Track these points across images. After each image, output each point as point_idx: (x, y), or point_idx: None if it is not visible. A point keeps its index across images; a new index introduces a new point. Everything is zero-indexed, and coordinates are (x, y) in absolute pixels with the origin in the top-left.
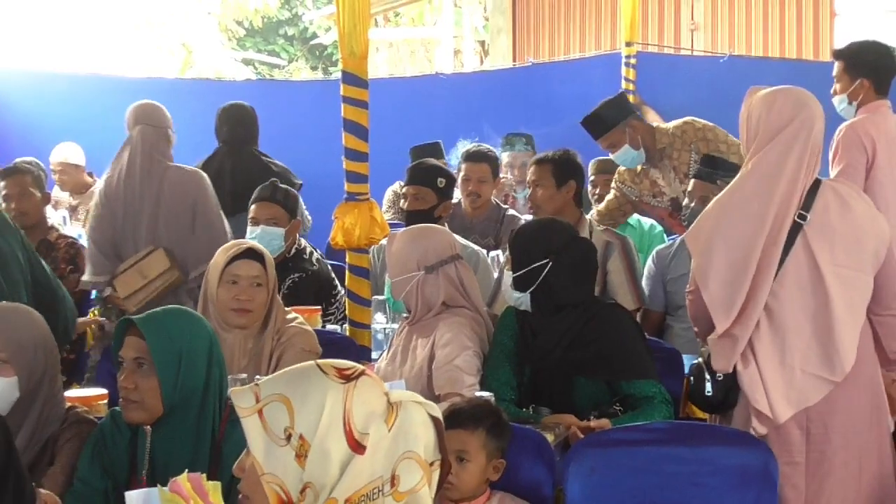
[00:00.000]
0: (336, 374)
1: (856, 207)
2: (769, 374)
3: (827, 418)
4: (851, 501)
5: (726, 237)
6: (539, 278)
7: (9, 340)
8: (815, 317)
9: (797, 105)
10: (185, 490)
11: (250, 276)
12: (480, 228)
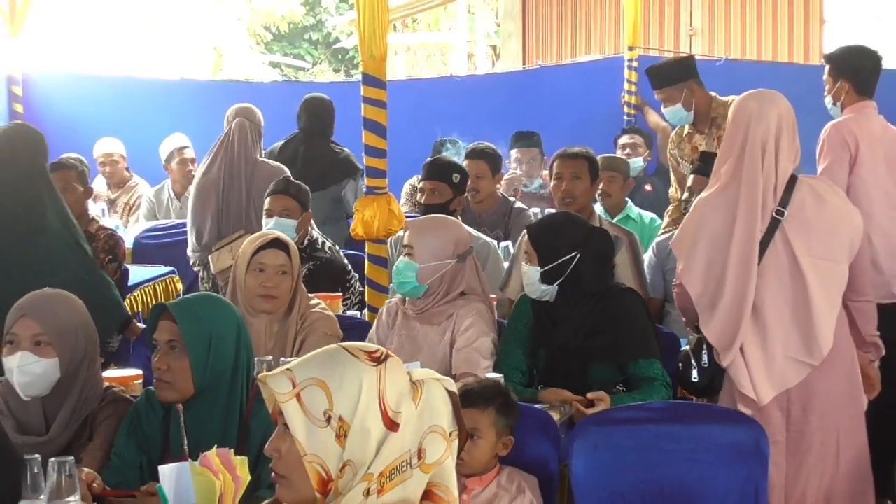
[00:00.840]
0: (367, 358)
1: (830, 202)
2: (752, 359)
3: (806, 400)
4: (829, 477)
5: (706, 239)
6: (567, 271)
7: (51, 325)
8: (794, 305)
9: (749, 107)
10: (214, 464)
11: (276, 265)
12: (489, 222)
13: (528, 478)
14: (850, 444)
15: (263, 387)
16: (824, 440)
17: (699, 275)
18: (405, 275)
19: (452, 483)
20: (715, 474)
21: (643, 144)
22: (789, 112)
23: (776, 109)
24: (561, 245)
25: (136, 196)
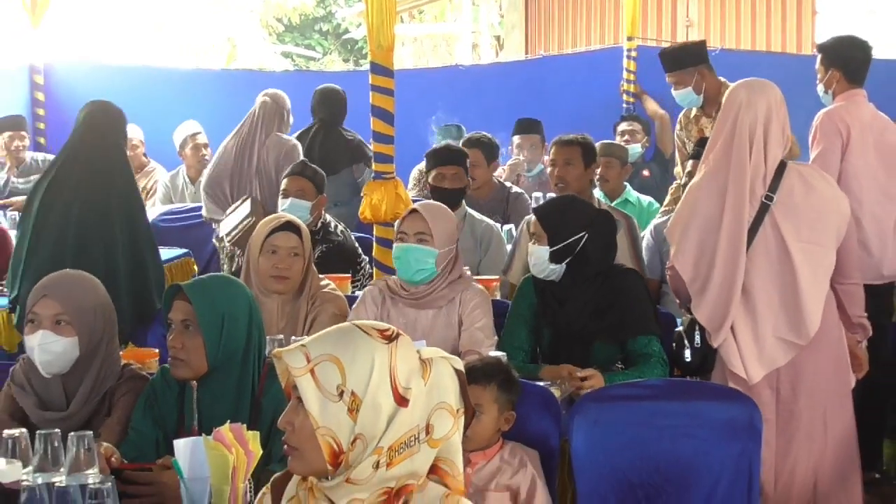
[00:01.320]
0: (379, 336)
1: (819, 188)
2: (742, 339)
3: (795, 379)
4: (818, 453)
5: (697, 224)
6: (575, 250)
7: (71, 305)
8: (782, 288)
9: (734, 101)
10: (227, 439)
11: (288, 247)
12: (489, 207)
13: (529, 452)
14: (838, 422)
15: (278, 362)
16: (812, 418)
17: (691, 258)
18: (425, 261)
19: (458, 458)
20: (710, 450)
21: (641, 131)
22: (779, 101)
23: (765, 98)
24: (569, 225)
25: (153, 181)
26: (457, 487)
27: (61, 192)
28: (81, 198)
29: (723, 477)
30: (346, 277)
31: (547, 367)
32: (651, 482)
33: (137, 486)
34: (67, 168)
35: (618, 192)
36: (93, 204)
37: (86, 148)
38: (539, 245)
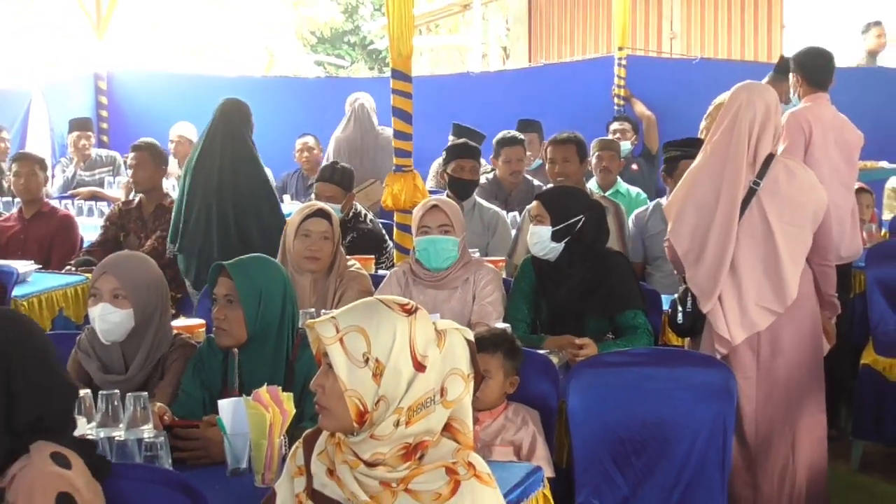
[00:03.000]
0: (400, 310)
1: (800, 177)
2: (728, 306)
3: (774, 342)
4: (792, 408)
5: (693, 204)
6: (573, 231)
7: (127, 281)
8: (765, 261)
9: (735, 100)
10: (265, 399)
11: (320, 232)
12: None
13: (531, 412)
14: (810, 381)
15: (310, 331)
16: (788, 377)
17: (686, 234)
18: (451, 250)
19: (469, 418)
20: (690, 409)
21: (630, 130)
22: (774, 103)
23: (763, 100)
24: (570, 208)
25: None
26: (467, 443)
27: (205, 166)
28: (218, 169)
29: (701, 434)
30: (370, 258)
31: (549, 337)
32: (638, 438)
33: (186, 441)
34: (208, 147)
35: (612, 182)
36: (225, 176)
37: (220, 132)
38: (542, 225)
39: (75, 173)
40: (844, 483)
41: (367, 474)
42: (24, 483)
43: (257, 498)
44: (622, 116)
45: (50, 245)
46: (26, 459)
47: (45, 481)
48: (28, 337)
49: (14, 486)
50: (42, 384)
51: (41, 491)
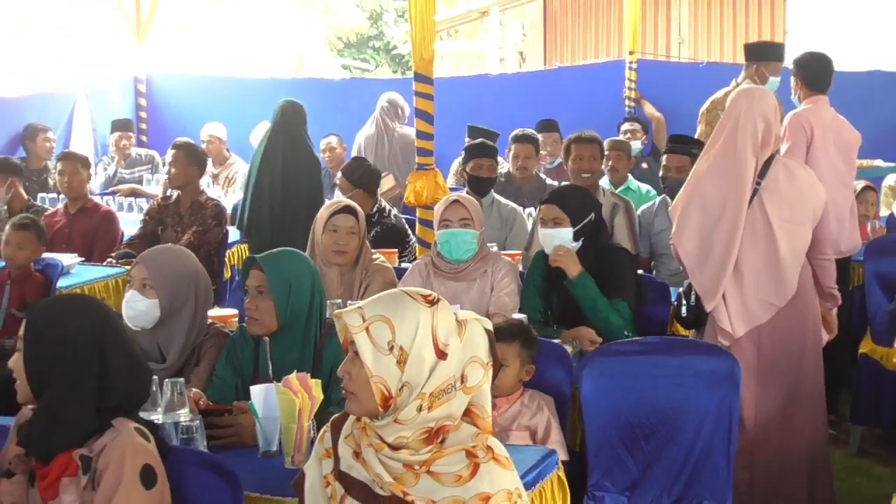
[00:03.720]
0: (423, 301)
1: (799, 177)
2: (730, 300)
3: (775, 335)
4: (793, 397)
5: (698, 207)
6: (589, 228)
7: (156, 273)
8: (765, 258)
9: (737, 105)
10: (294, 385)
11: (347, 227)
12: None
13: (545, 398)
14: (810, 371)
15: (338, 321)
16: (788, 367)
17: (690, 236)
18: (471, 243)
19: (488, 403)
20: (697, 396)
21: (640, 130)
22: (774, 108)
23: (763, 105)
24: (585, 209)
25: (234, 171)
26: (485, 428)
27: (268, 161)
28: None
29: (707, 419)
30: (393, 252)
31: (565, 331)
32: (648, 423)
33: (220, 427)
34: (272, 146)
35: (623, 180)
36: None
37: (281, 131)
38: (562, 227)
39: (116, 171)
40: (843, 466)
41: (391, 457)
42: (115, 453)
43: (287, 479)
44: (633, 117)
45: (93, 239)
46: (114, 433)
47: (134, 452)
48: (113, 322)
49: (104, 454)
50: (127, 365)
51: (130, 461)
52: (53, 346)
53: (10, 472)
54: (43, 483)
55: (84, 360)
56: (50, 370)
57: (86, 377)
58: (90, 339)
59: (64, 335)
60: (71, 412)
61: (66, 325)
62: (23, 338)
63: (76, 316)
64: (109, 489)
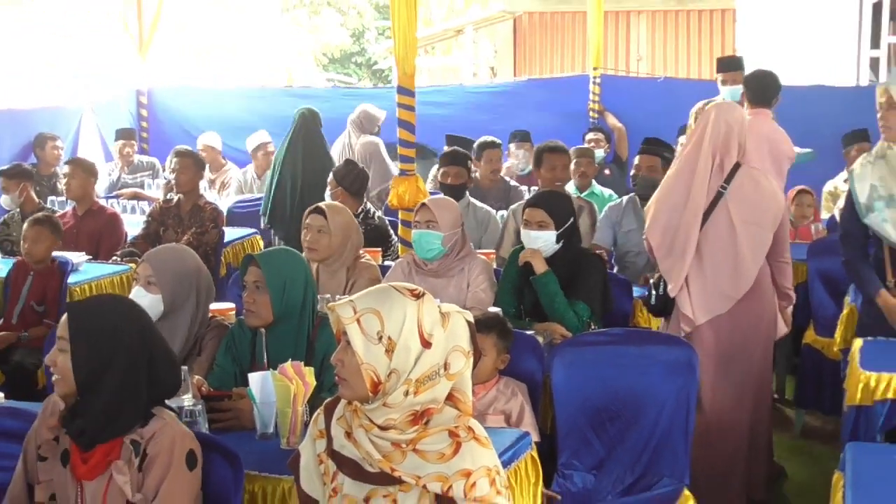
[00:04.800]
0: (410, 294)
1: (763, 185)
2: (694, 291)
3: (733, 325)
4: (747, 382)
5: (666, 205)
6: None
7: (160, 271)
8: (727, 255)
9: (705, 117)
10: (289, 373)
11: (316, 226)
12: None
13: (519, 385)
14: (760, 359)
15: (331, 313)
16: (744, 355)
17: (659, 230)
18: (433, 243)
19: (469, 389)
20: (658, 383)
21: (604, 139)
22: (740, 120)
23: (729, 117)
24: (567, 213)
25: (228, 177)
26: (467, 411)
27: (289, 160)
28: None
29: (667, 404)
30: (377, 251)
31: (536, 325)
32: (613, 408)
33: (221, 411)
34: (293, 147)
35: (588, 185)
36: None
37: (301, 134)
38: (546, 230)
39: (120, 176)
40: (788, 447)
41: (380, 436)
42: (166, 440)
43: (283, 459)
44: (596, 127)
45: (99, 239)
46: (160, 421)
47: (182, 439)
48: (150, 319)
49: (155, 441)
50: (167, 357)
51: (179, 447)
52: (107, 347)
53: (41, 457)
54: (85, 466)
55: (136, 357)
56: (104, 368)
57: (139, 372)
58: (139, 336)
59: (117, 335)
60: (127, 405)
61: (117, 325)
62: (70, 339)
63: (123, 316)
64: (161, 471)
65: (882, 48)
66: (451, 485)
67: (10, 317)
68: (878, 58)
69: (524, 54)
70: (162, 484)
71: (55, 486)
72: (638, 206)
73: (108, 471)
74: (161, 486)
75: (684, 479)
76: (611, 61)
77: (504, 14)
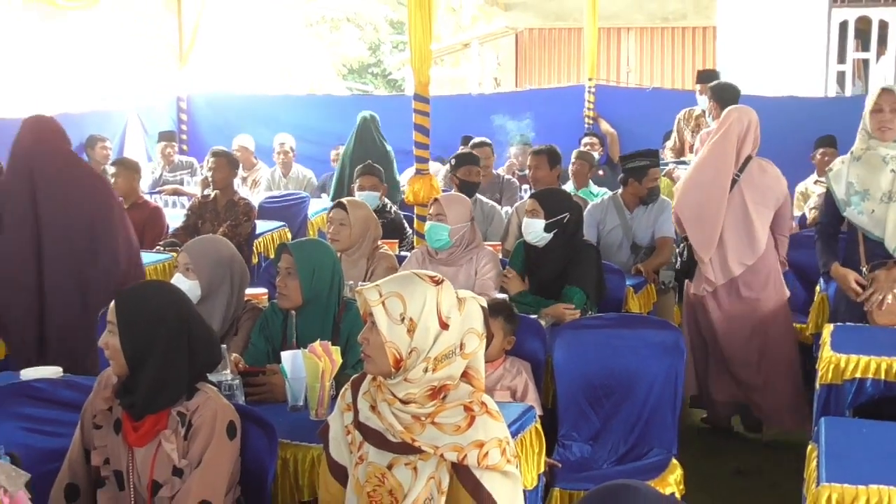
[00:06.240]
0: (430, 281)
1: (769, 172)
2: (715, 259)
3: (744, 283)
4: (759, 327)
5: (696, 185)
6: (561, 224)
7: (196, 258)
8: (742, 230)
9: (730, 116)
10: (318, 351)
11: (337, 219)
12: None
13: (524, 363)
14: (775, 310)
15: (359, 296)
16: (754, 306)
17: (690, 206)
18: (441, 234)
19: (482, 367)
20: (648, 362)
21: (598, 143)
22: (755, 121)
23: (748, 118)
24: (559, 206)
25: (259, 175)
26: (480, 387)
27: (358, 156)
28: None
29: (656, 382)
30: (394, 242)
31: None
32: (608, 384)
33: (255, 385)
34: (359, 145)
35: (584, 184)
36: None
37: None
38: (536, 218)
39: (161, 174)
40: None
41: (401, 410)
42: (209, 412)
43: (312, 429)
44: (591, 132)
45: (143, 230)
46: (203, 395)
47: (224, 411)
48: (189, 301)
49: (199, 413)
50: (207, 336)
51: (221, 418)
52: (149, 328)
53: (97, 425)
54: (136, 434)
55: (177, 337)
56: (149, 348)
57: (180, 350)
58: (179, 318)
59: (157, 318)
60: (171, 380)
61: (159, 310)
62: (118, 323)
63: (165, 301)
64: (204, 440)
65: (847, 63)
66: (466, 454)
67: None
68: (843, 72)
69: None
70: (205, 451)
71: (109, 452)
72: (620, 205)
73: (156, 439)
74: (204, 454)
75: (672, 449)
76: (604, 73)
77: (507, 30)
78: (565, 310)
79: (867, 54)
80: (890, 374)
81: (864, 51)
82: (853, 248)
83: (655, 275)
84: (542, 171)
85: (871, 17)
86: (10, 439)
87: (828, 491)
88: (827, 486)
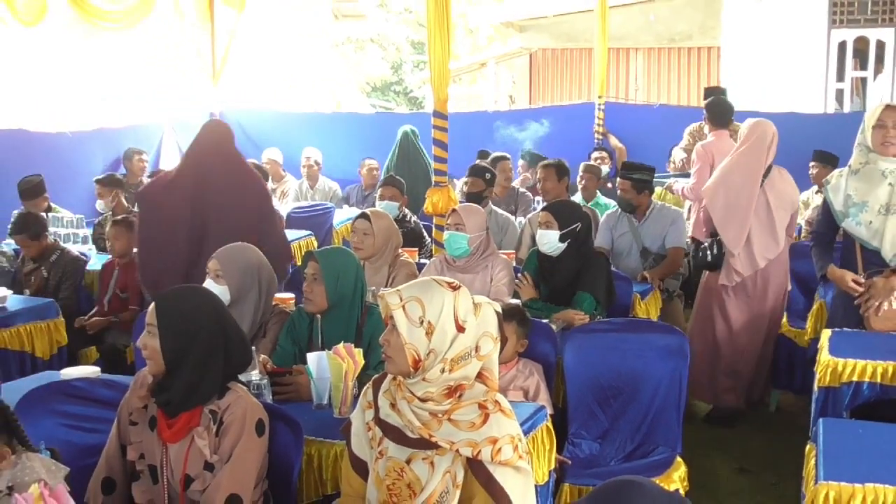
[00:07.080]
0: (448, 287)
1: (787, 179)
2: (743, 254)
3: (765, 275)
4: (767, 318)
5: (726, 187)
6: (573, 234)
7: (225, 265)
8: (767, 228)
9: (758, 128)
10: (341, 353)
11: (361, 229)
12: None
13: (536, 365)
14: (781, 301)
15: (381, 300)
16: (769, 298)
17: (720, 205)
18: (460, 243)
19: (496, 369)
20: (654, 365)
21: (607, 157)
22: (776, 133)
23: (771, 130)
24: (572, 217)
25: (287, 186)
26: (494, 387)
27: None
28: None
29: (662, 383)
30: (414, 250)
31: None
32: (615, 385)
33: (282, 385)
34: (402, 157)
35: (593, 196)
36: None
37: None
38: (551, 230)
39: None
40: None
41: (420, 407)
42: (239, 410)
43: (336, 426)
44: (601, 147)
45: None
46: (234, 394)
47: (254, 409)
48: (223, 305)
49: (230, 411)
50: (239, 338)
51: (251, 416)
52: (189, 331)
53: (133, 422)
54: (170, 430)
55: (214, 339)
56: (188, 348)
57: (216, 352)
58: (216, 321)
59: (196, 321)
60: (206, 379)
61: (197, 312)
62: (157, 324)
63: (202, 305)
64: (235, 437)
65: (846, 81)
66: (480, 450)
67: (102, 304)
68: (842, 89)
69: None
70: (235, 447)
71: (144, 447)
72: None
73: (189, 435)
74: (234, 449)
75: (677, 448)
76: (613, 91)
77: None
78: (575, 315)
79: (865, 73)
80: (886, 378)
81: (862, 69)
82: (850, 256)
83: (661, 282)
84: (550, 182)
85: (869, 37)
86: (51, 435)
87: (826, 489)
88: (825, 485)
